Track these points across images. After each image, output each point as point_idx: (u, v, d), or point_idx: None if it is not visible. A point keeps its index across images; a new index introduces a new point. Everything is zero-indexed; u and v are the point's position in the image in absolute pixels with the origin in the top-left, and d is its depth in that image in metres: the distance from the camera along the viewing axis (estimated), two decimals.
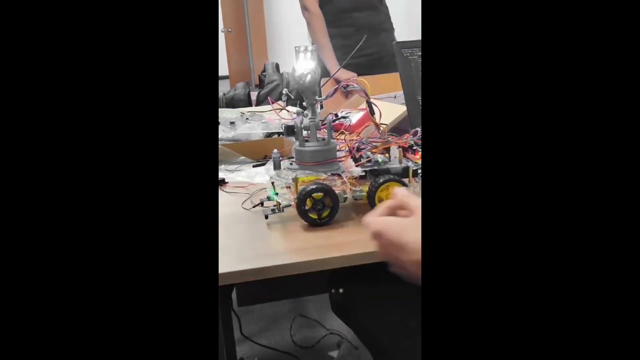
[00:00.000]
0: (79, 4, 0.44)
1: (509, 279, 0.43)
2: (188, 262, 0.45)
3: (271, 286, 0.66)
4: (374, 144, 0.81)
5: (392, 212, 0.57)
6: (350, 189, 0.76)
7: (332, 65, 1.87)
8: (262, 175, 0.96)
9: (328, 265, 0.65)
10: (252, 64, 7.78)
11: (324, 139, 0.77)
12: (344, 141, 0.84)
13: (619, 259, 0.41)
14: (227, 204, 0.85)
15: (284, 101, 1.46)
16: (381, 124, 0.85)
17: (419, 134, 0.81)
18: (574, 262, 0.42)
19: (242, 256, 0.66)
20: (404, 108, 1.10)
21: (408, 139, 0.81)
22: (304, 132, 0.78)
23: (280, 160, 0.80)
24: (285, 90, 0.83)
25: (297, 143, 0.79)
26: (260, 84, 1.86)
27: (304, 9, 1.89)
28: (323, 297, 1.49)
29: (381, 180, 0.73)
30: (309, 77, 0.75)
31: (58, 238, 0.43)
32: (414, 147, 0.81)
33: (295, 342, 1.60)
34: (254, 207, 0.81)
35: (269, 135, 1.15)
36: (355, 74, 1.85)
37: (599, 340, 0.41)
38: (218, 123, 1.09)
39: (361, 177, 0.78)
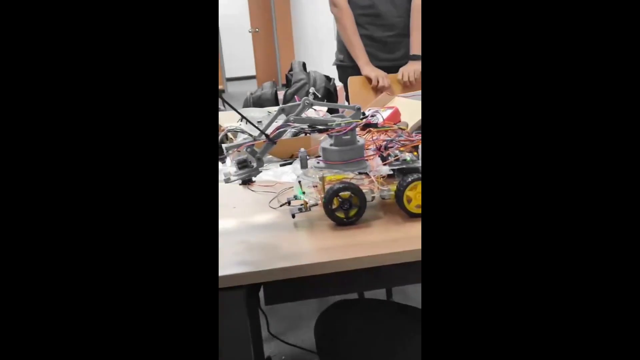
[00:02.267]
0: (80, 2, 0.44)
1: (509, 279, 0.43)
2: (188, 263, 0.45)
3: (298, 285, 0.66)
4: (402, 142, 0.80)
5: None
6: (378, 187, 0.75)
7: (363, 63, 1.85)
8: (289, 174, 0.96)
9: (355, 265, 0.64)
10: (279, 64, 7.82)
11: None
12: (371, 140, 0.83)
13: (619, 259, 0.41)
14: (254, 202, 0.86)
15: None
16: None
17: None
18: (573, 263, 0.42)
19: (268, 255, 0.66)
20: None
21: None
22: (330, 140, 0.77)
23: (307, 159, 0.79)
24: (312, 89, 0.82)
25: (325, 142, 0.78)
26: (287, 83, 1.86)
27: (332, 4, 1.87)
28: (349, 297, 1.48)
29: (409, 179, 0.72)
30: None
31: (57, 238, 0.43)
32: None
33: None
34: (280, 206, 0.81)
35: (296, 134, 1.15)
36: (384, 73, 1.84)
37: (599, 341, 0.41)
38: (218, 121, 1.10)
39: (389, 176, 0.77)
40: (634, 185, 0.41)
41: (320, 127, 0.78)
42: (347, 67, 1.93)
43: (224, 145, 0.75)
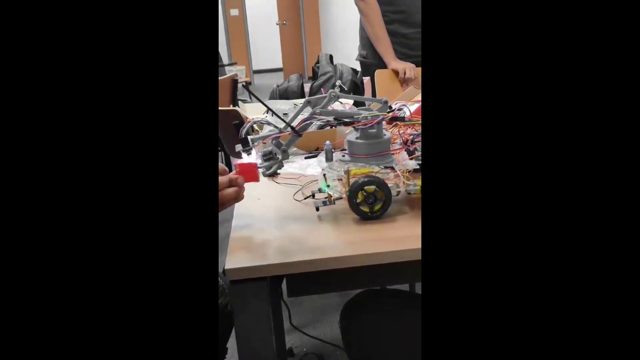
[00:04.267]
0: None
1: (509, 279, 0.43)
2: (187, 262, 0.45)
3: (321, 278, 0.66)
4: None
5: None
6: (404, 182, 0.74)
7: (390, 59, 1.83)
8: (314, 167, 0.96)
9: (379, 260, 0.64)
10: (306, 56, 7.82)
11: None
12: (397, 133, 0.82)
13: (619, 259, 0.41)
14: (279, 195, 0.86)
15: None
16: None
17: None
18: (574, 262, 0.42)
19: (292, 248, 0.66)
20: None
21: None
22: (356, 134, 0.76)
23: (333, 152, 0.79)
24: (338, 82, 0.82)
25: (351, 135, 0.78)
26: (314, 76, 1.86)
27: None
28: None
29: None
30: None
31: (57, 235, 0.43)
32: None
33: None
34: (305, 198, 0.81)
35: (322, 127, 1.15)
36: (412, 65, 1.81)
37: (599, 341, 0.41)
38: (217, 118, 1.10)
39: (415, 170, 0.76)
40: (633, 185, 0.41)
41: (346, 120, 0.77)
42: (370, 64, 1.90)
43: (249, 137, 0.76)
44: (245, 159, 0.74)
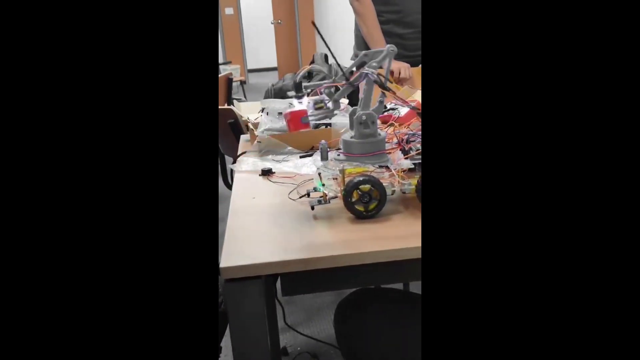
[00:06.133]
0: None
1: (509, 279, 0.43)
2: (188, 262, 0.45)
3: (315, 277, 0.66)
4: None
5: None
6: (399, 181, 0.74)
7: None
8: (309, 166, 0.95)
9: (373, 259, 0.64)
10: (301, 55, 7.81)
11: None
12: (392, 133, 0.82)
13: (619, 259, 0.41)
14: (274, 194, 0.86)
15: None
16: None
17: None
18: (574, 261, 0.42)
19: (287, 247, 0.66)
20: None
21: None
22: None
23: (328, 151, 0.79)
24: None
25: (346, 134, 0.78)
26: (309, 75, 1.86)
27: None
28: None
29: None
30: None
31: (58, 235, 0.43)
32: None
33: None
34: (300, 197, 0.81)
35: (317, 126, 1.15)
36: (407, 65, 1.81)
37: (598, 339, 0.41)
38: (217, 116, 1.10)
39: (410, 169, 0.76)
40: (633, 185, 0.41)
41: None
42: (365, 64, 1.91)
43: (303, 84, 0.76)
44: (297, 106, 0.74)
